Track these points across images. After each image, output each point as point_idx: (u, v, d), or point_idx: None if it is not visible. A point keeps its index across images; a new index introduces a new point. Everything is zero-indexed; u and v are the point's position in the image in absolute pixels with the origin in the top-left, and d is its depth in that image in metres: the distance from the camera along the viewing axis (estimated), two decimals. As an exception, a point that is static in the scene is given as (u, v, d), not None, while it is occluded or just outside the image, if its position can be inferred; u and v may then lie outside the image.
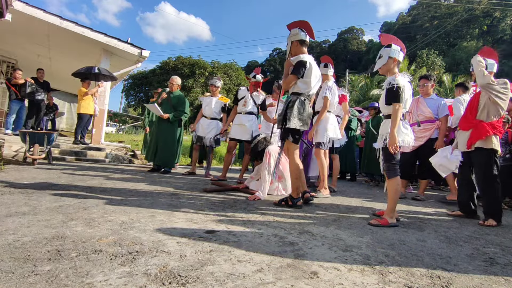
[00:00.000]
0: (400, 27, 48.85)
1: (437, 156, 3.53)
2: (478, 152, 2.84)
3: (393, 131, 2.47)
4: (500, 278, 1.48)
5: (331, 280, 1.30)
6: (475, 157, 2.89)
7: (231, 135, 4.60)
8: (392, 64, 2.63)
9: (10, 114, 6.56)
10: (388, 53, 2.63)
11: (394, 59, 2.63)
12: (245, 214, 2.42)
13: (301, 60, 2.81)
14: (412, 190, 4.87)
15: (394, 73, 2.62)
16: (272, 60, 61.67)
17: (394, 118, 2.47)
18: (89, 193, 2.79)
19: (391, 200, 2.51)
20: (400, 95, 2.47)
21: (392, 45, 2.65)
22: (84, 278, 1.16)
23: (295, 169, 2.87)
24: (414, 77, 19.63)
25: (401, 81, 2.51)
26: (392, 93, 2.49)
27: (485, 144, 2.79)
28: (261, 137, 3.80)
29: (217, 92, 5.15)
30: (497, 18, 38.35)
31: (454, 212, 3.13)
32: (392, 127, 2.48)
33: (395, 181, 2.55)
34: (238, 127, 4.53)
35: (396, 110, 2.47)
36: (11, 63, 9.33)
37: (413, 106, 4.26)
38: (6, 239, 1.50)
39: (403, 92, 2.49)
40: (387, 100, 2.55)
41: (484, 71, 2.81)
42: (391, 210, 2.48)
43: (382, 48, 2.73)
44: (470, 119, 2.92)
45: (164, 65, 28.19)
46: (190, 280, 1.20)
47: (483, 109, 2.84)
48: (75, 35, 6.90)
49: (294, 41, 2.93)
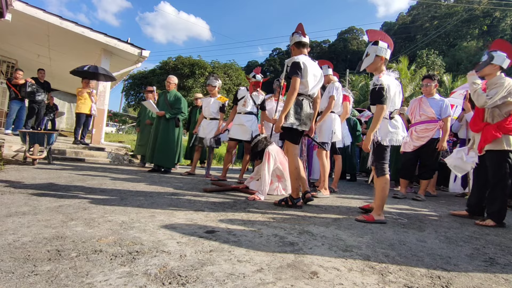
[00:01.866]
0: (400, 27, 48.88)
1: (451, 157, 3.42)
2: (489, 155, 2.79)
3: (369, 133, 2.50)
4: (500, 278, 1.48)
5: (331, 280, 1.30)
6: (488, 160, 2.84)
7: (230, 135, 4.59)
8: (380, 62, 2.57)
9: (10, 114, 6.55)
10: (375, 51, 2.56)
11: (381, 58, 2.56)
12: (245, 214, 2.42)
13: (294, 61, 2.83)
14: (410, 191, 4.87)
15: (381, 71, 2.58)
16: (272, 60, 61.66)
17: (375, 119, 2.48)
18: (89, 193, 2.79)
19: (379, 198, 2.54)
20: (383, 96, 2.44)
21: (379, 43, 2.56)
22: (84, 278, 1.16)
23: (295, 169, 2.86)
24: (414, 77, 19.65)
25: (385, 80, 2.48)
26: (374, 94, 2.48)
27: (495, 146, 2.73)
28: (262, 136, 3.80)
29: (216, 92, 5.07)
30: (497, 18, 38.36)
31: (458, 211, 3.12)
32: (371, 129, 2.50)
33: (383, 180, 2.57)
34: (237, 127, 4.52)
35: (378, 112, 2.46)
36: (11, 63, 9.33)
37: (415, 106, 4.25)
38: (6, 239, 1.50)
39: (387, 92, 2.46)
40: (371, 101, 2.56)
41: (479, 91, 2.76)
42: (379, 207, 2.51)
43: (369, 45, 2.65)
44: (478, 122, 2.89)
45: (164, 65, 28.18)
46: (190, 280, 1.20)
47: (487, 111, 2.82)
48: (75, 35, 6.90)
49: (292, 45, 3.00)
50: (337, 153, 4.36)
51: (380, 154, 2.60)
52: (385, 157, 2.61)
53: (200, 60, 27.57)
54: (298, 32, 2.96)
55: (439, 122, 4.06)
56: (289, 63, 2.90)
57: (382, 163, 2.60)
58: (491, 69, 2.80)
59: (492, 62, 2.79)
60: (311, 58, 2.99)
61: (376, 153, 2.61)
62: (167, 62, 28.32)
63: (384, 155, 2.61)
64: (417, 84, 18.12)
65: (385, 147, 2.60)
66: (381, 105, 2.45)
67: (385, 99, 2.44)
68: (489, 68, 2.80)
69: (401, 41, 45.51)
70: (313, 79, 2.90)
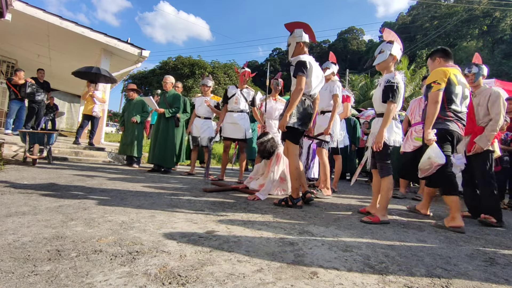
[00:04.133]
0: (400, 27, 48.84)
1: None
2: (478, 155, 2.92)
3: (382, 129, 2.51)
4: (500, 278, 1.48)
5: (331, 280, 1.30)
6: (475, 160, 2.95)
7: (224, 134, 4.53)
8: (392, 61, 2.63)
9: (10, 114, 6.55)
10: (390, 49, 2.61)
11: (394, 57, 2.62)
12: (245, 214, 2.42)
13: (300, 60, 2.79)
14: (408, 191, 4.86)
15: (391, 71, 2.62)
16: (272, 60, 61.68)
17: (387, 116, 2.50)
18: (89, 193, 2.79)
19: (384, 198, 2.54)
20: (397, 94, 2.49)
21: (395, 43, 2.64)
22: (84, 278, 1.16)
23: (295, 169, 2.86)
24: (414, 77, 19.65)
25: (400, 80, 2.53)
26: (391, 91, 2.50)
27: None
28: (269, 137, 3.75)
29: (209, 92, 5.21)
30: (497, 18, 38.34)
31: (461, 213, 3.12)
32: (383, 125, 2.52)
33: (388, 180, 2.57)
34: (231, 125, 4.45)
35: (391, 109, 2.50)
36: (11, 63, 9.33)
37: (415, 106, 4.26)
38: (6, 239, 1.50)
39: (399, 92, 2.52)
40: (384, 97, 2.55)
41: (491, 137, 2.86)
42: (383, 208, 2.51)
43: (384, 43, 2.69)
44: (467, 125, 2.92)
45: (164, 65, 28.23)
46: (190, 280, 1.20)
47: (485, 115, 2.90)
48: (75, 35, 6.91)
49: (300, 42, 2.91)
50: (338, 153, 4.36)
51: (385, 154, 2.60)
52: (389, 157, 2.62)
53: (200, 60, 27.61)
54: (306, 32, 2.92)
55: None
56: (293, 62, 2.86)
57: (387, 163, 2.60)
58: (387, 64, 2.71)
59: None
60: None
61: (381, 153, 2.60)
62: (167, 62, 28.35)
63: (388, 155, 2.61)
64: (417, 84, 18.12)
65: (389, 147, 2.61)
66: (394, 103, 2.49)
67: (397, 98, 2.50)
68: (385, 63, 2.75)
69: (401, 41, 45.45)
70: (316, 80, 2.89)
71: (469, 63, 3.22)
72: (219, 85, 25.17)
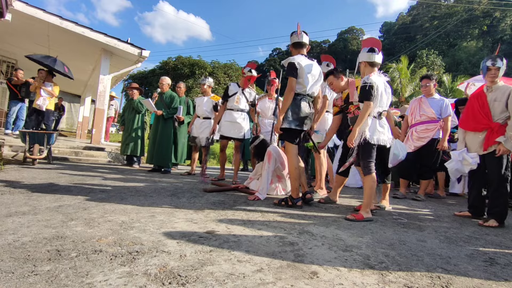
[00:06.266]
0: (400, 27, 48.88)
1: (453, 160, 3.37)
2: (493, 154, 2.77)
3: (355, 128, 2.61)
4: (500, 278, 1.48)
5: (331, 280, 1.30)
6: (490, 159, 2.81)
7: (222, 133, 4.46)
8: (363, 68, 2.80)
9: (10, 114, 6.56)
10: (358, 59, 2.83)
11: (362, 62, 2.80)
12: (245, 214, 2.42)
13: (289, 62, 2.87)
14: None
15: (369, 73, 2.72)
16: (272, 60, 61.63)
17: (362, 115, 2.60)
18: (89, 193, 2.79)
19: (367, 196, 2.62)
20: (372, 94, 2.58)
21: (362, 49, 2.81)
22: (84, 278, 1.16)
23: (294, 169, 2.87)
24: (413, 77, 19.65)
25: (374, 80, 2.62)
26: (364, 92, 2.61)
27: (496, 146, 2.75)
28: (261, 138, 3.77)
29: (209, 91, 5.14)
30: (497, 18, 38.36)
31: (462, 213, 3.12)
32: (357, 124, 2.61)
33: (370, 178, 2.65)
34: (230, 124, 4.37)
35: (365, 108, 2.60)
36: (11, 63, 9.33)
37: (415, 106, 4.25)
38: (6, 239, 1.50)
39: (375, 91, 2.60)
40: (359, 97, 2.67)
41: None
42: (367, 205, 2.60)
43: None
44: (482, 120, 2.84)
45: (164, 65, 28.25)
46: (190, 280, 1.20)
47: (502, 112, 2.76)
48: (75, 35, 6.90)
49: (290, 46, 3.07)
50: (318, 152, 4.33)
51: (368, 153, 2.67)
52: (372, 156, 2.69)
53: (200, 60, 27.62)
54: (295, 32, 2.99)
55: (440, 122, 4.05)
56: (285, 64, 2.94)
57: (369, 162, 2.67)
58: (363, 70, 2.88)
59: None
60: (309, 58, 2.99)
61: (364, 151, 2.68)
62: (167, 62, 28.37)
63: (371, 154, 2.68)
64: (417, 84, 18.12)
65: (372, 146, 2.67)
66: (368, 102, 2.59)
67: (373, 97, 2.59)
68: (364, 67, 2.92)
69: (401, 41, 45.49)
70: (311, 78, 2.89)
71: (492, 55, 2.93)
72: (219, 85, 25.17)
